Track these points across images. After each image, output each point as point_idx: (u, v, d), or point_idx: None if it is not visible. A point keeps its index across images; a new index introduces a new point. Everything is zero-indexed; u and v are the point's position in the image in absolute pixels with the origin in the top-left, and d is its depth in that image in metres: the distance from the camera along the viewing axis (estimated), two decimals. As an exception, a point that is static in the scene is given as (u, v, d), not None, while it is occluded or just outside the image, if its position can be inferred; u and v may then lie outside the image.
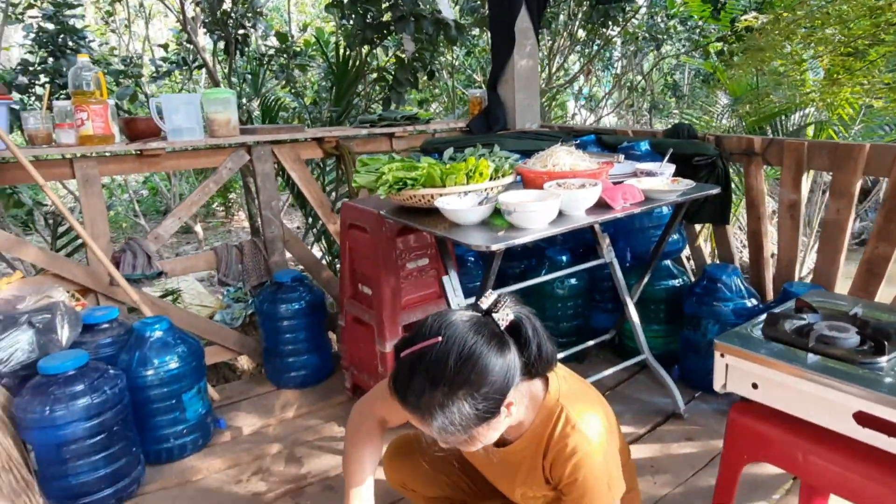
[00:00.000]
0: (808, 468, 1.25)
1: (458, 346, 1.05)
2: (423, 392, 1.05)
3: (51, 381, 1.93)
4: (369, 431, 1.38)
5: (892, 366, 1.22)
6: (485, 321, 1.11)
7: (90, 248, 2.42)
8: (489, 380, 1.06)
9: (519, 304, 1.18)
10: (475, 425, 1.08)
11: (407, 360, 1.08)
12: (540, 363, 1.17)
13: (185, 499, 2.11)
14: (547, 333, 1.20)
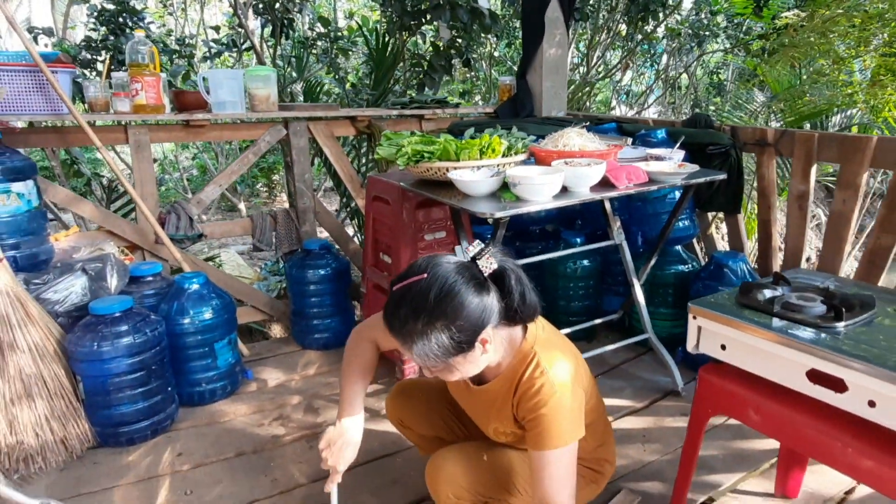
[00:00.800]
0: (762, 420, 1.36)
1: (440, 283, 1.20)
2: (406, 321, 1.21)
3: (99, 320, 2.17)
4: (365, 348, 1.55)
5: (847, 331, 1.32)
6: (468, 266, 1.26)
7: (139, 208, 2.66)
8: (464, 315, 1.20)
9: (506, 256, 1.32)
10: (451, 355, 1.23)
11: (397, 293, 1.24)
12: (520, 312, 1.30)
13: (213, 436, 2.33)
14: (532, 289, 1.34)
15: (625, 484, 1.99)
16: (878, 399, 1.16)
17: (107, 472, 2.11)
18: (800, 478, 1.91)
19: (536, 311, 1.36)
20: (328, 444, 1.45)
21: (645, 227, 2.87)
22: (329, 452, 1.44)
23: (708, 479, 2.01)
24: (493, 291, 1.27)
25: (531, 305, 1.32)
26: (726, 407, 1.44)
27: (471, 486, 1.43)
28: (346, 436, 1.46)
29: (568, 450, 1.30)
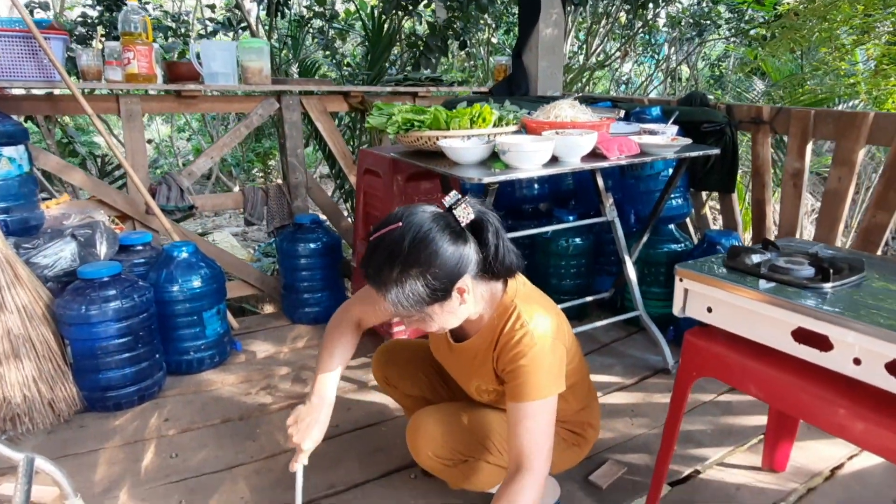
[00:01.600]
0: (746, 381, 1.35)
1: (414, 231, 1.20)
2: (381, 268, 1.20)
3: (88, 284, 2.15)
4: (345, 329, 1.53)
5: (835, 291, 1.31)
6: (444, 215, 1.25)
7: (130, 177, 2.65)
8: (439, 262, 1.19)
9: (485, 208, 1.31)
10: (427, 304, 1.22)
11: (373, 242, 1.23)
12: (498, 264, 1.29)
13: (200, 403, 2.32)
14: (512, 246, 1.33)
15: (611, 455, 1.98)
16: (864, 356, 1.15)
17: (93, 435, 2.10)
18: (787, 451, 1.91)
19: (516, 266, 1.35)
20: (296, 421, 1.41)
21: (638, 205, 2.86)
22: (296, 429, 1.39)
23: (695, 453, 2.00)
24: (471, 242, 1.26)
25: (510, 259, 1.31)
26: (712, 369, 1.43)
27: (450, 444, 1.42)
28: (314, 415, 1.42)
29: (547, 403, 1.29)
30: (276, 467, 1.95)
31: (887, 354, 1.11)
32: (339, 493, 1.84)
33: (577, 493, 1.81)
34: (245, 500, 1.80)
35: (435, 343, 1.57)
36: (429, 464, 1.45)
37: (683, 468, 1.92)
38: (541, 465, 1.26)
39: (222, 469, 1.94)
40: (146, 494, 1.82)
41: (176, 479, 1.89)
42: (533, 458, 1.26)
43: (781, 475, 1.88)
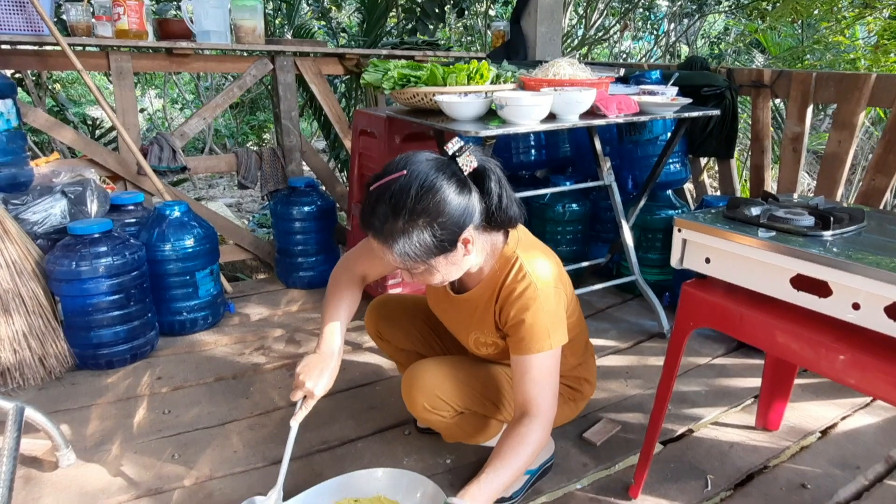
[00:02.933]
0: (744, 330, 1.34)
1: (420, 179, 1.16)
2: (386, 219, 1.16)
3: (78, 241, 2.12)
4: (348, 282, 1.51)
5: (834, 239, 1.29)
6: (447, 163, 1.21)
7: (121, 136, 2.60)
8: (446, 212, 1.16)
9: (487, 157, 1.28)
10: (433, 255, 1.19)
11: (374, 192, 1.19)
12: (501, 214, 1.27)
13: (193, 363, 2.31)
14: (515, 196, 1.31)
15: (605, 415, 1.98)
16: (863, 301, 1.14)
17: (85, 392, 2.09)
18: (781, 411, 1.91)
19: (518, 216, 1.33)
20: (306, 369, 1.38)
21: (636, 170, 2.84)
22: (307, 376, 1.37)
23: (689, 412, 2.01)
24: (475, 191, 1.23)
25: (513, 209, 1.29)
26: (709, 319, 1.42)
27: (445, 396, 1.41)
28: (325, 361, 1.40)
29: (551, 354, 1.29)
30: (269, 423, 1.94)
31: (887, 297, 1.10)
32: (333, 447, 1.83)
33: (572, 449, 1.81)
34: (238, 454, 1.79)
35: (433, 296, 1.55)
36: (424, 416, 1.44)
37: (678, 426, 1.92)
38: (547, 409, 1.27)
39: (215, 424, 1.93)
40: (139, 448, 1.81)
41: (168, 434, 1.88)
42: (539, 405, 1.26)
43: (775, 434, 1.89)
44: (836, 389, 2.12)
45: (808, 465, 1.74)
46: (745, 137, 4.40)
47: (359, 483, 1.50)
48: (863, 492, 1.64)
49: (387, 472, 1.51)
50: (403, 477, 1.49)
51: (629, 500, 1.60)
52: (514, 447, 1.21)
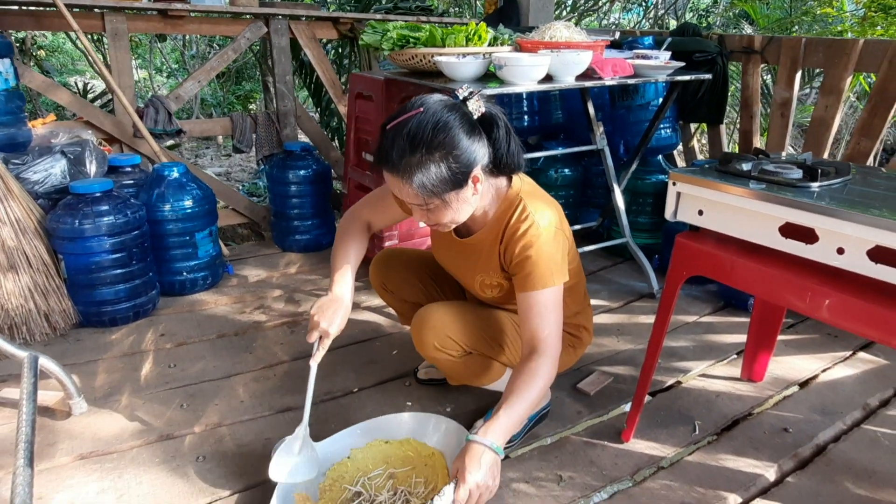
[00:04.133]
0: (735, 276, 1.41)
1: (436, 117, 1.22)
2: (404, 154, 1.22)
3: (80, 199, 2.14)
4: (356, 230, 1.57)
5: (821, 190, 1.36)
6: (459, 105, 1.27)
7: (117, 97, 2.60)
8: (460, 146, 1.23)
9: (495, 105, 1.33)
10: (447, 189, 1.25)
11: (391, 131, 1.24)
12: (507, 160, 1.33)
13: (195, 321, 2.35)
14: (520, 143, 1.36)
15: (598, 367, 2.06)
16: (847, 245, 1.21)
17: (90, 348, 2.13)
18: (765, 363, 2.00)
19: (521, 167, 1.39)
20: (320, 310, 1.43)
21: (628, 136, 2.89)
22: (321, 316, 1.41)
23: (678, 366, 2.09)
24: (483, 135, 1.28)
25: (518, 155, 1.35)
26: (701, 267, 1.48)
27: (454, 336, 1.47)
28: (338, 302, 1.45)
29: (554, 290, 1.35)
30: (273, 376, 2.00)
31: (869, 241, 1.16)
32: (337, 398, 1.89)
33: (567, 399, 1.89)
34: (244, 404, 1.85)
35: (439, 244, 1.60)
36: (433, 354, 1.50)
37: (667, 378, 2.01)
38: (553, 345, 1.33)
39: (221, 377, 1.99)
40: (147, 398, 1.86)
41: (175, 386, 1.93)
42: (546, 341, 1.32)
43: (759, 384, 1.98)
44: (819, 345, 2.21)
45: (790, 412, 1.83)
46: (732, 111, 4.47)
47: (388, 426, 1.57)
48: (841, 435, 1.73)
49: (412, 416, 1.58)
50: (429, 420, 1.55)
51: (621, 444, 1.69)
52: (526, 382, 1.28)
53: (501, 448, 1.24)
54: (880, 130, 2.25)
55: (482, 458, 1.20)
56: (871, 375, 2.02)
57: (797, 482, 1.55)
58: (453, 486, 1.19)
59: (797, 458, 1.64)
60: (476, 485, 1.17)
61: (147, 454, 1.62)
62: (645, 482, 1.55)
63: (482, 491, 1.18)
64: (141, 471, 1.56)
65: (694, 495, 1.49)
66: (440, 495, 1.18)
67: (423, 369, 1.97)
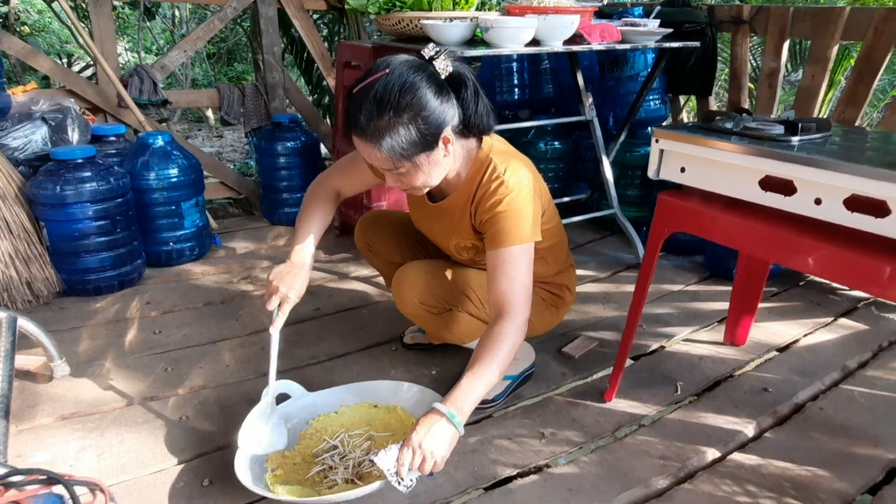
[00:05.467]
0: (715, 230, 1.42)
1: (401, 78, 1.20)
2: (372, 117, 1.19)
3: (62, 166, 2.12)
4: (321, 197, 1.55)
5: (801, 144, 1.36)
6: (425, 65, 1.25)
7: (100, 66, 2.57)
8: (428, 107, 1.21)
9: (463, 64, 1.31)
10: (417, 152, 1.23)
11: (358, 94, 1.22)
12: (476, 120, 1.31)
13: (181, 290, 2.34)
14: (489, 104, 1.35)
15: (584, 332, 2.07)
16: (824, 195, 1.22)
17: (74, 315, 2.12)
18: (747, 328, 2.01)
19: (491, 128, 1.37)
20: (278, 276, 1.40)
21: (617, 108, 2.89)
22: (280, 281, 1.39)
23: (662, 331, 2.10)
24: (452, 95, 1.27)
25: (487, 115, 1.34)
26: (683, 223, 1.49)
27: (434, 292, 1.48)
28: (297, 267, 1.43)
29: (524, 248, 1.33)
30: (259, 342, 2.00)
31: (845, 189, 1.17)
32: (322, 362, 1.90)
33: (552, 362, 1.90)
34: (229, 368, 1.85)
35: (415, 210, 1.59)
36: (414, 311, 1.50)
37: (651, 343, 2.02)
38: (521, 308, 1.31)
39: (206, 343, 1.99)
40: (131, 363, 1.86)
41: (160, 351, 1.93)
42: (513, 303, 1.30)
43: (741, 348, 1.99)
44: (801, 311, 2.23)
45: (770, 374, 1.85)
46: (721, 90, 4.47)
47: (381, 391, 1.57)
48: (819, 394, 1.75)
49: (411, 387, 1.57)
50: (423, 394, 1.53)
51: (604, 403, 1.70)
52: (491, 347, 1.26)
53: (458, 418, 1.19)
54: (865, 98, 2.25)
55: (434, 425, 1.17)
56: (851, 339, 2.04)
57: (774, 437, 1.56)
58: (400, 445, 1.19)
59: (776, 415, 1.65)
60: (420, 446, 1.15)
61: (129, 415, 1.62)
62: (625, 438, 1.56)
63: (425, 454, 1.15)
64: (122, 430, 1.56)
65: (673, 450, 1.51)
66: (386, 450, 1.18)
67: (409, 334, 1.97)
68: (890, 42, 2.17)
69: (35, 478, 0.99)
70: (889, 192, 1.11)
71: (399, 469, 1.16)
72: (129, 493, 1.35)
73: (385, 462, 1.18)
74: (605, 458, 1.49)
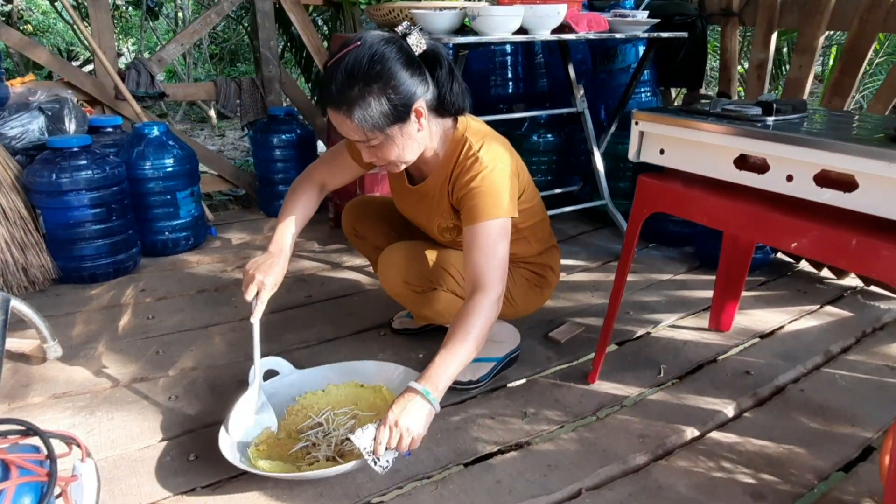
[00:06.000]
0: (693, 209, 1.44)
1: (371, 49, 1.23)
2: (343, 88, 1.22)
3: (58, 154, 2.16)
4: (305, 189, 1.58)
5: (776, 124, 1.38)
6: (397, 39, 1.28)
7: (98, 58, 2.61)
8: (398, 78, 1.23)
9: (440, 45, 1.35)
10: (389, 123, 1.26)
11: (331, 66, 1.25)
12: (451, 99, 1.34)
13: (176, 279, 2.38)
14: (464, 85, 1.38)
15: (571, 319, 2.09)
16: (795, 171, 1.24)
17: (69, 302, 2.16)
18: (732, 313, 2.03)
19: (466, 103, 1.39)
20: (255, 265, 1.42)
21: (609, 100, 2.91)
22: (256, 270, 1.40)
23: (649, 318, 2.12)
24: (426, 72, 1.29)
25: (462, 96, 1.36)
26: (662, 203, 1.52)
27: (417, 271, 1.51)
28: (273, 258, 1.44)
29: (499, 224, 1.34)
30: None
31: (815, 164, 1.19)
32: (311, 345, 1.93)
33: (538, 346, 1.92)
34: (220, 351, 1.88)
35: (397, 194, 1.62)
36: (398, 290, 1.53)
37: (637, 329, 2.04)
38: (495, 283, 1.33)
39: (198, 328, 2.02)
40: (124, 346, 1.89)
41: (153, 336, 1.96)
42: (488, 277, 1.32)
43: (726, 334, 2.01)
44: (788, 300, 2.25)
45: (753, 358, 1.86)
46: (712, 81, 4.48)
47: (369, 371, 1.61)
48: (800, 377, 1.77)
49: (396, 368, 1.60)
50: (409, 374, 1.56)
51: (587, 385, 1.72)
52: (465, 323, 1.28)
53: (434, 395, 1.22)
54: (851, 87, 2.27)
55: (410, 403, 1.20)
56: (836, 326, 2.06)
57: (753, 417, 1.58)
58: (377, 424, 1.21)
59: (756, 396, 1.67)
60: (397, 424, 1.17)
61: (120, 394, 1.66)
62: (607, 418, 1.58)
63: (402, 432, 1.17)
64: (113, 409, 1.59)
65: (653, 428, 1.53)
66: (363, 429, 1.20)
67: (397, 319, 2.00)
68: (875, 31, 2.18)
69: (12, 428, 1.02)
70: (856, 166, 1.13)
71: (376, 448, 1.19)
72: (117, 467, 1.38)
73: (362, 441, 1.20)
74: (585, 436, 1.51)
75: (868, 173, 1.12)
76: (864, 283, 2.37)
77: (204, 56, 7.67)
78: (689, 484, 1.35)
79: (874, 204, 1.13)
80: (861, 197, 1.14)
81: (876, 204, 1.12)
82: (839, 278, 2.43)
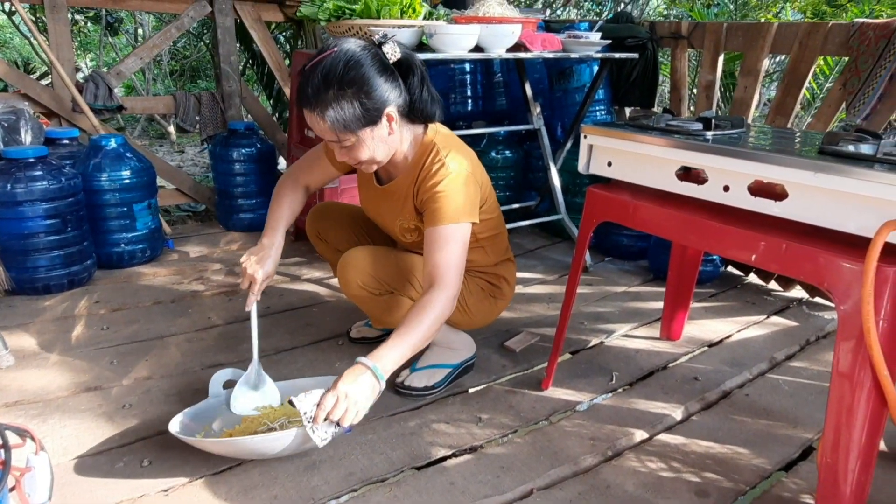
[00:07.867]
0: (636, 218, 1.51)
1: (347, 54, 1.29)
2: (318, 90, 1.28)
3: (13, 164, 2.13)
4: (291, 188, 1.65)
5: (714, 137, 1.47)
6: (372, 47, 1.34)
7: (56, 70, 2.59)
8: (372, 84, 1.29)
9: (415, 55, 1.40)
10: (361, 126, 1.31)
11: (308, 70, 1.31)
12: (422, 107, 1.41)
13: (131, 291, 2.35)
14: (436, 94, 1.44)
15: (527, 329, 2.14)
16: (731, 182, 1.32)
17: (23, 312, 2.12)
18: (682, 322, 2.10)
19: (436, 117, 1.46)
20: (248, 258, 1.52)
21: (565, 118, 3.00)
22: (249, 263, 1.51)
23: (603, 328, 2.18)
24: (399, 80, 1.35)
25: (432, 104, 1.43)
26: (610, 213, 1.58)
27: (376, 275, 1.54)
28: (265, 251, 1.54)
29: (459, 227, 1.40)
30: (207, 337, 2.02)
31: (749, 175, 1.27)
32: (269, 355, 1.92)
33: (493, 355, 1.96)
34: (175, 361, 1.86)
35: (364, 189, 1.66)
36: (356, 292, 1.55)
37: (591, 338, 2.10)
38: (451, 282, 1.37)
39: (153, 338, 2.00)
40: (78, 356, 1.86)
41: (107, 346, 1.94)
42: (445, 275, 1.37)
43: (676, 342, 2.08)
44: (737, 310, 2.34)
45: (702, 365, 1.93)
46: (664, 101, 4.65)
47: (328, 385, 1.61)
48: (746, 383, 1.84)
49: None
50: None
51: (541, 391, 1.76)
52: (419, 313, 1.32)
53: (381, 371, 1.25)
54: (792, 108, 2.40)
55: (362, 376, 1.23)
56: (781, 334, 2.15)
57: (700, 420, 1.65)
58: (323, 391, 1.22)
59: (703, 400, 1.74)
60: (344, 394, 1.20)
61: (73, 403, 1.63)
62: (559, 422, 1.62)
63: (349, 405, 1.20)
64: (66, 417, 1.57)
65: (604, 432, 1.57)
66: (307, 394, 1.21)
67: (355, 329, 2.02)
68: (814, 55, 2.32)
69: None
70: (786, 176, 1.21)
71: (317, 414, 1.18)
72: (70, 473, 1.36)
73: (304, 405, 1.19)
74: (537, 439, 1.54)
75: (796, 182, 1.20)
76: (809, 295, 2.48)
77: (164, 72, 7.61)
78: (636, 483, 1.40)
79: (802, 212, 1.21)
80: (790, 205, 1.22)
81: (803, 212, 1.20)
82: (786, 290, 2.54)
